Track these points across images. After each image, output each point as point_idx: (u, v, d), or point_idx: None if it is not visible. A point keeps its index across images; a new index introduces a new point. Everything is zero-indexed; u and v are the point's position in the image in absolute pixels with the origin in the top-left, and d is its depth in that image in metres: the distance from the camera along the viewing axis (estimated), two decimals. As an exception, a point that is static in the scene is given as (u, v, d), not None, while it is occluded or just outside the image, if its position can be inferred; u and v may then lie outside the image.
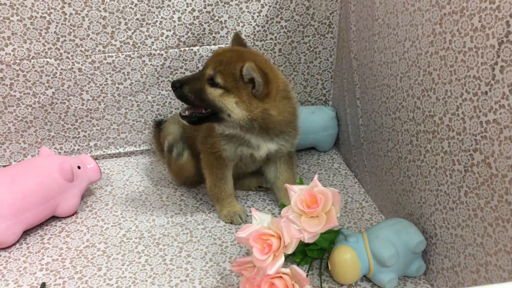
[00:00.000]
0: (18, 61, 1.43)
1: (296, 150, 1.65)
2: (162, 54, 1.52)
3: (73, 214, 1.36)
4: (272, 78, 1.18)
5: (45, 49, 1.44)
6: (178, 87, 1.18)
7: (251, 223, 1.13)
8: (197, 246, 1.26)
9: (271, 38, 1.57)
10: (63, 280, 1.14)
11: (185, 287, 1.13)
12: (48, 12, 1.40)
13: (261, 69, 1.15)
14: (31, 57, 1.44)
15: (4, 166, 1.56)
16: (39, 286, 1.12)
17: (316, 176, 1.06)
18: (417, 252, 1.10)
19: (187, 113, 1.21)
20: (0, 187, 1.20)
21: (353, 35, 1.45)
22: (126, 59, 1.50)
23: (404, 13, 1.13)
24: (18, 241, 1.25)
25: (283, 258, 0.97)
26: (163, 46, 1.51)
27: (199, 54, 1.54)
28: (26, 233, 1.28)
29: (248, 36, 1.54)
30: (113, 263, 1.20)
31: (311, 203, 1.03)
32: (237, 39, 1.29)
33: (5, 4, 1.36)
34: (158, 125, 1.57)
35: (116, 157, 1.66)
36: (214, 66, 1.18)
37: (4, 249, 1.23)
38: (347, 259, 1.08)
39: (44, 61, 1.45)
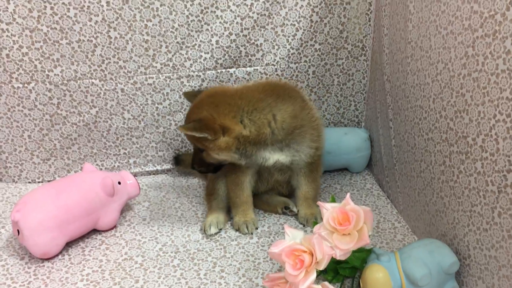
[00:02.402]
0: (65, 82, 1.52)
1: (329, 170, 1.68)
2: (200, 76, 1.58)
3: (112, 228, 1.41)
4: (211, 115, 1.24)
5: (90, 71, 1.52)
6: (195, 168, 1.37)
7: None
8: (230, 262, 1.29)
9: (305, 61, 1.61)
10: (103, 290, 1.19)
11: (218, 301, 1.16)
12: (95, 36, 1.49)
13: (194, 121, 1.24)
14: (77, 78, 1.52)
15: (49, 181, 1.64)
16: (80, 296, 1.17)
17: (348, 195, 1.08)
18: (450, 273, 1.10)
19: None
20: (45, 200, 1.27)
21: (386, 57, 1.47)
22: (166, 80, 1.57)
23: (437, 36, 1.16)
24: (60, 252, 1.31)
25: (315, 274, 0.99)
26: (201, 68, 1.57)
27: (235, 76, 1.59)
28: (68, 245, 1.34)
29: (283, 58, 1.59)
30: (150, 276, 1.24)
31: (343, 221, 1.05)
32: (188, 97, 1.40)
33: (55, 28, 1.46)
34: (177, 161, 1.68)
35: (154, 174, 1.72)
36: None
37: (48, 259, 1.29)
38: (379, 278, 1.09)
39: (89, 82, 1.53)
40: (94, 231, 1.40)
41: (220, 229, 1.40)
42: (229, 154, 1.28)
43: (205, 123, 1.23)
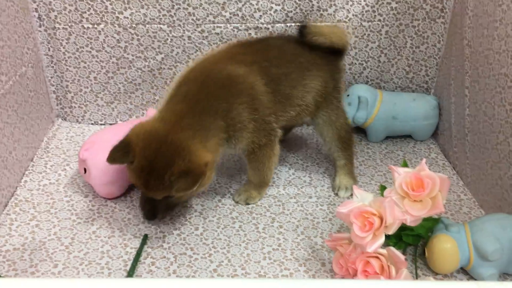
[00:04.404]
0: (134, 25, 1.51)
1: (392, 136, 1.63)
2: (268, 28, 1.53)
3: (173, 175, 1.42)
4: (189, 160, 1.06)
5: (159, 16, 1.50)
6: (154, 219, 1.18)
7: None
8: (289, 219, 1.28)
9: (379, 20, 1.53)
10: (163, 234, 1.20)
11: (277, 255, 1.15)
12: (166, -21, 1.46)
13: (180, 178, 1.05)
14: (146, 22, 1.51)
15: (111, 124, 1.67)
16: (142, 237, 1.19)
17: (424, 160, 1.04)
18: (523, 251, 1.05)
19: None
20: (112, 141, 1.22)
21: (469, 20, 1.38)
22: (233, 31, 1.53)
23: (536, -2, 1.07)
24: (123, 194, 1.33)
25: (383, 238, 0.97)
26: (270, 20, 1.52)
27: (305, 31, 1.54)
28: (131, 188, 1.35)
29: (356, 15, 1.52)
30: (209, 224, 1.25)
31: (417, 187, 1.01)
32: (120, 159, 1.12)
33: (128, -31, 1.44)
34: None
35: (213, 125, 1.71)
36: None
37: (111, 199, 1.31)
38: (447, 248, 1.05)
39: (157, 27, 1.52)
40: (155, 176, 1.41)
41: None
42: (208, 184, 1.17)
43: (196, 172, 1.06)
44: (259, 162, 1.27)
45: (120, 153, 1.09)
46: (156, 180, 1.07)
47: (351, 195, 1.33)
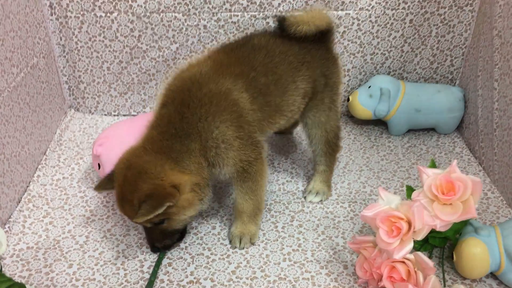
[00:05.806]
0: (148, 14, 1.46)
1: (415, 129, 1.57)
2: (287, 17, 1.47)
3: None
4: (155, 182, 1.00)
5: (174, 4, 1.44)
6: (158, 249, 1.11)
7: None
8: (308, 217, 1.24)
9: (404, 8, 1.46)
10: (180, 233, 1.17)
11: (297, 257, 1.12)
12: (181, -34, 1.40)
13: (144, 202, 0.98)
14: (160, 10, 1.45)
15: (124, 115, 1.63)
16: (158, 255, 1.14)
17: (454, 162, 0.98)
18: (558, 257, 1.00)
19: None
20: (126, 136, 1.20)
21: (500, 9, 1.31)
22: (251, 19, 1.47)
23: None
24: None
25: (411, 244, 0.92)
26: (289, 8, 1.46)
27: (325, 19, 1.47)
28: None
29: (379, 3, 1.45)
30: (227, 223, 1.21)
31: (447, 190, 0.96)
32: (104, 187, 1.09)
33: (141, -44, 1.38)
34: None
35: (228, 117, 1.67)
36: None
37: (125, 195, 1.28)
38: (477, 253, 1.00)
39: (172, 15, 1.46)
40: (170, 171, 1.37)
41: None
42: (196, 208, 1.08)
43: (158, 194, 0.99)
44: (251, 181, 1.12)
45: (105, 180, 1.07)
46: (128, 205, 1.01)
47: (321, 201, 1.28)
